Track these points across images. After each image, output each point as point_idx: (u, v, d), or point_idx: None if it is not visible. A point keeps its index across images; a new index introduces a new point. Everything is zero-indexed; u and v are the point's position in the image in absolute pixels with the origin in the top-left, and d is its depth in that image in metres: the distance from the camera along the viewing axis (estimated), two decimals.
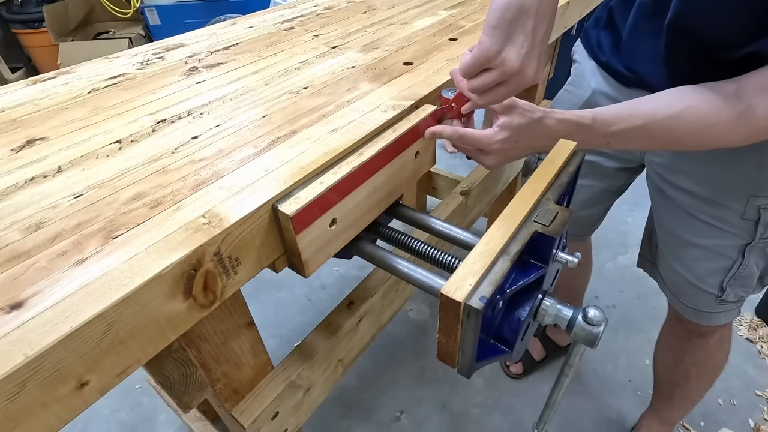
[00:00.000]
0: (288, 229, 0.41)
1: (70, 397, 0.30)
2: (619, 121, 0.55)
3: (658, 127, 0.54)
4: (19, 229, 0.37)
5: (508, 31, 0.47)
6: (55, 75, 0.69)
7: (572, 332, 0.43)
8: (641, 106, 0.55)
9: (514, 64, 0.48)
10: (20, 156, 0.48)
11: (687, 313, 0.81)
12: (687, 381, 0.95)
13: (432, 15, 0.92)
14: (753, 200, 0.65)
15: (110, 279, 0.32)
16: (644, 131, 0.54)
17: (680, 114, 0.52)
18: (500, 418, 1.20)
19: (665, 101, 0.54)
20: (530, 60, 0.49)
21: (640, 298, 1.50)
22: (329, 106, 0.57)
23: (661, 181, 0.75)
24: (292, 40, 0.80)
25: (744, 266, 0.70)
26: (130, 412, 1.23)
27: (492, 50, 0.48)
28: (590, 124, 0.56)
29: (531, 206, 0.44)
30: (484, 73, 0.50)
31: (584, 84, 0.80)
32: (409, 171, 0.57)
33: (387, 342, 1.39)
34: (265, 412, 0.57)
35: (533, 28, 0.47)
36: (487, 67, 0.49)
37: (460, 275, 0.37)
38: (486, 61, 0.49)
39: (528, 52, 0.48)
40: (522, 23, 0.47)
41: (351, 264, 1.64)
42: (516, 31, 0.47)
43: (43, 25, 2.73)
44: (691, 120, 0.52)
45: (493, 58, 0.48)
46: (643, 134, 0.55)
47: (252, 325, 0.55)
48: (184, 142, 0.50)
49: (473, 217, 1.01)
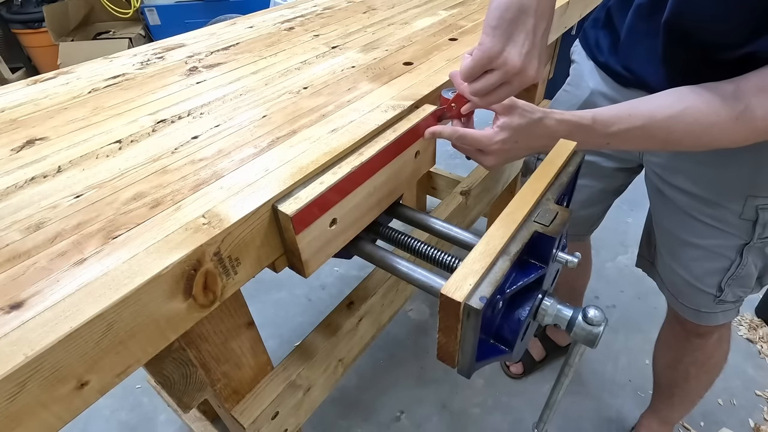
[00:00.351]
0: (288, 229, 0.41)
1: (70, 397, 0.30)
2: (619, 122, 0.55)
3: (657, 127, 0.54)
4: (19, 229, 0.37)
5: (509, 31, 0.47)
6: (55, 75, 0.69)
7: (572, 332, 0.43)
8: (641, 106, 0.55)
9: (516, 64, 0.48)
10: (20, 156, 0.49)
11: (686, 313, 0.81)
12: (686, 381, 0.96)
13: (432, 15, 0.92)
14: (751, 200, 0.65)
15: (110, 279, 0.32)
16: (644, 131, 0.54)
17: (679, 114, 0.52)
18: (500, 418, 1.20)
19: (664, 102, 0.54)
20: (532, 59, 0.49)
21: (640, 298, 1.50)
22: (329, 106, 0.57)
23: (659, 181, 0.75)
24: (292, 40, 0.80)
25: (742, 266, 0.70)
26: (130, 412, 1.23)
27: (494, 51, 0.48)
28: (590, 125, 0.56)
29: (531, 206, 0.44)
30: (486, 75, 0.50)
31: (583, 84, 0.80)
32: (409, 171, 0.57)
33: (387, 342, 1.39)
34: (265, 412, 0.57)
35: (533, 27, 0.48)
36: (489, 68, 0.50)
37: (460, 275, 0.37)
38: (488, 62, 0.49)
39: (529, 50, 0.48)
40: (522, 22, 0.47)
41: (351, 264, 1.64)
42: (516, 30, 0.47)
43: (43, 25, 2.73)
44: (690, 120, 0.52)
45: (495, 58, 0.48)
46: (642, 135, 0.55)
47: (252, 325, 0.55)
48: (184, 142, 0.50)
49: (473, 217, 1.01)
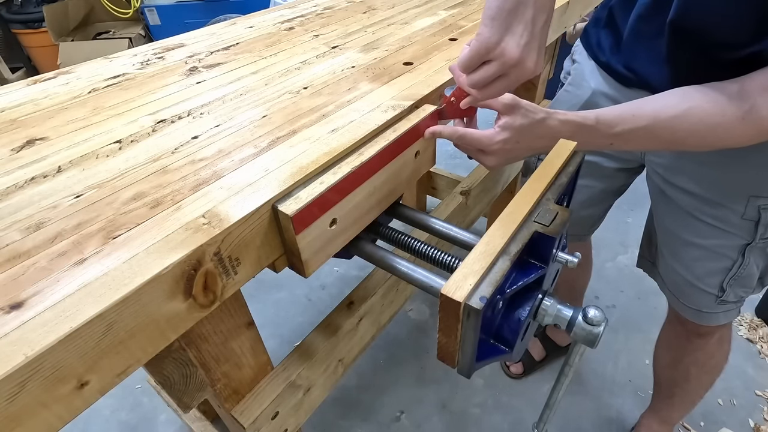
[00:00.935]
0: (288, 229, 0.41)
1: (70, 397, 0.30)
2: (623, 122, 0.55)
3: (662, 127, 0.53)
4: (19, 229, 0.37)
5: (507, 22, 0.47)
6: (55, 75, 0.69)
7: (572, 332, 0.43)
8: (645, 106, 0.55)
9: (513, 55, 0.47)
10: (20, 156, 0.49)
11: (687, 314, 0.81)
12: (687, 381, 0.95)
13: (432, 15, 0.92)
14: (753, 201, 0.65)
15: (110, 279, 0.32)
16: (648, 132, 0.54)
17: (684, 114, 0.52)
18: (500, 418, 1.20)
19: (669, 101, 0.54)
20: (530, 50, 0.48)
21: (640, 298, 1.50)
22: (329, 106, 0.57)
23: (661, 181, 0.75)
24: (292, 40, 0.80)
25: (744, 266, 0.70)
26: (130, 412, 1.23)
27: (491, 41, 0.47)
28: (593, 125, 0.56)
29: (531, 206, 0.44)
30: (484, 66, 0.50)
31: (584, 84, 0.80)
32: (409, 171, 0.57)
33: (387, 342, 1.39)
34: (265, 412, 0.57)
35: (532, 18, 0.47)
36: (486, 59, 0.49)
37: (460, 275, 0.37)
38: (486, 52, 0.48)
39: (528, 42, 0.47)
40: (521, 13, 0.46)
41: (351, 264, 1.64)
42: (515, 21, 0.47)
43: (43, 25, 2.73)
44: (694, 120, 0.52)
45: (493, 48, 0.47)
46: (647, 135, 0.55)
47: (252, 325, 0.55)
48: (184, 142, 0.50)
49: (473, 217, 1.01)
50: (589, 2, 1.08)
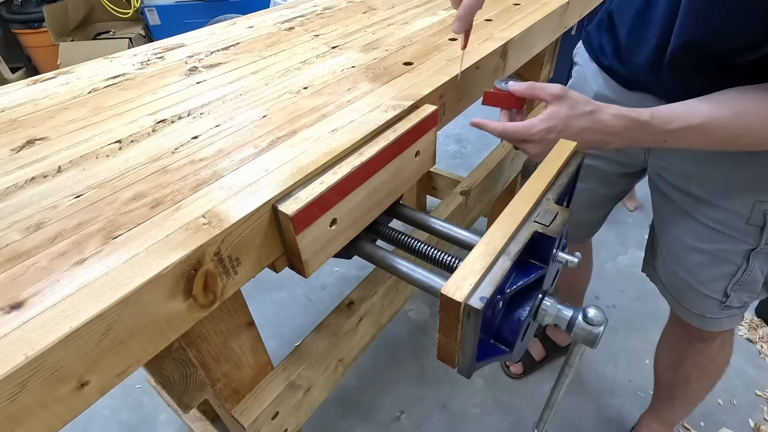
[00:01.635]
0: (288, 229, 0.41)
1: (70, 397, 0.30)
2: (678, 119, 0.55)
3: (717, 126, 0.54)
4: (19, 229, 0.37)
5: None
6: (55, 75, 0.69)
7: (572, 332, 0.43)
8: (699, 104, 0.55)
9: None
10: (20, 156, 0.48)
11: (690, 319, 0.80)
12: (688, 383, 0.95)
13: (432, 15, 0.92)
14: (759, 205, 0.64)
15: (110, 279, 0.32)
16: (703, 129, 0.54)
17: (739, 113, 0.53)
18: (500, 418, 1.20)
19: (722, 99, 0.54)
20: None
21: (640, 299, 1.50)
22: (329, 106, 0.57)
23: (665, 185, 0.75)
24: (292, 40, 0.80)
25: (749, 272, 0.70)
26: (130, 412, 1.23)
27: None
28: (648, 121, 0.55)
29: (531, 206, 0.44)
30: None
31: (586, 87, 0.80)
32: (409, 171, 0.57)
33: (387, 342, 1.39)
34: (265, 412, 0.57)
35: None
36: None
37: (460, 275, 0.37)
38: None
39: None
40: None
41: (351, 264, 1.64)
42: None
43: (43, 25, 2.73)
44: (748, 119, 0.52)
45: None
46: (701, 132, 0.55)
47: (252, 325, 0.55)
48: (184, 142, 0.50)
49: (473, 217, 1.01)
50: (589, 2, 1.08)
